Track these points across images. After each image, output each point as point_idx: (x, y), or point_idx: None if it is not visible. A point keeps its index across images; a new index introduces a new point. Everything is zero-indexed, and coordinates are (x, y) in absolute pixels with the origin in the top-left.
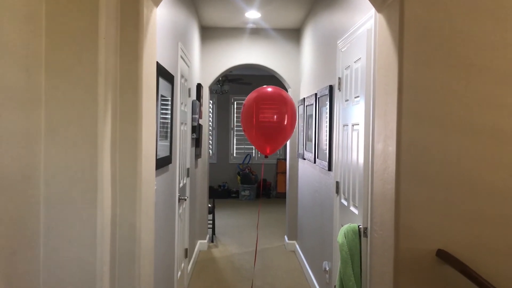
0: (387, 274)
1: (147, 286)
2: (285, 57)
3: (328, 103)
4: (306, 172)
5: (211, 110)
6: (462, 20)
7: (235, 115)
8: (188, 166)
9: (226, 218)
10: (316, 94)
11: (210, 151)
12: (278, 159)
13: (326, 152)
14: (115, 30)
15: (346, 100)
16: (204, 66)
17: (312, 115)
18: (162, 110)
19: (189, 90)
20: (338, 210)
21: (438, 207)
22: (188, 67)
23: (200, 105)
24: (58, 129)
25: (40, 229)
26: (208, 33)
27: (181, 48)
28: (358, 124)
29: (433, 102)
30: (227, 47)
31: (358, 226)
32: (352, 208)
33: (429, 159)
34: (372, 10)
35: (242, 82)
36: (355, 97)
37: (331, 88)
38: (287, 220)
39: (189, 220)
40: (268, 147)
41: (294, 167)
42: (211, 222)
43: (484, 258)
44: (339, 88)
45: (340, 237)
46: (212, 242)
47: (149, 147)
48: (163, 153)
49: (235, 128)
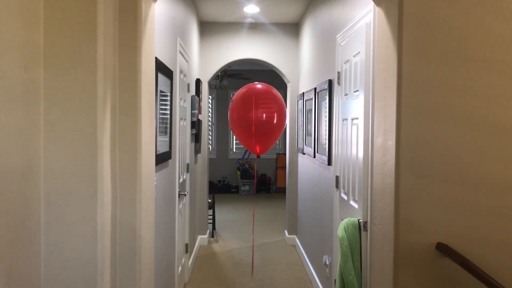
0: (387, 268)
1: (147, 281)
2: (284, 51)
3: (327, 97)
4: (306, 167)
5: (210, 105)
6: (462, 14)
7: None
8: (187, 161)
9: (226, 213)
10: (315, 89)
11: (210, 146)
12: (277, 153)
13: (326, 147)
14: (114, 25)
15: (346, 94)
16: (203, 61)
17: (311, 109)
18: (161, 105)
19: (188, 85)
20: (338, 204)
21: (437, 200)
22: (187, 62)
23: (200, 100)
24: (57, 125)
25: (40, 225)
26: (207, 28)
27: (179, 44)
28: (358, 118)
29: (432, 96)
30: (226, 42)
31: (358, 220)
32: (352, 202)
33: (428, 153)
34: (371, 4)
35: (241, 77)
36: (355, 91)
37: (330, 82)
38: (287, 215)
39: (189, 216)
40: (263, 147)
41: (294, 161)
42: (211, 217)
43: (483, 251)
44: (338, 83)
45: (340, 231)
46: (213, 237)
47: (148, 143)
48: (163, 148)
49: None
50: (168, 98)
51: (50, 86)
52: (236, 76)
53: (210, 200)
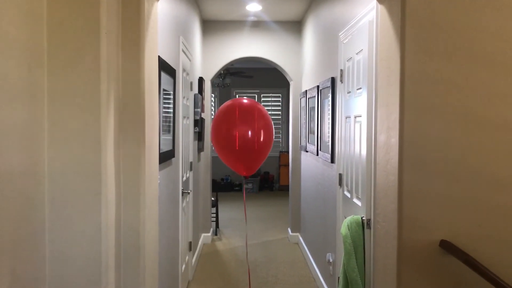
0: (390, 265)
1: (152, 279)
2: (286, 49)
3: (330, 95)
4: (309, 165)
5: (213, 103)
6: (464, 11)
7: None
8: (191, 159)
9: (229, 211)
10: (318, 86)
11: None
12: (280, 151)
13: (329, 145)
14: (117, 24)
15: (348, 92)
16: (205, 59)
17: (314, 107)
18: (164, 104)
19: (191, 83)
20: (341, 202)
21: (441, 198)
22: (190, 60)
23: (202, 98)
24: (61, 124)
25: (44, 224)
26: (209, 26)
27: (182, 42)
28: (361, 116)
29: (435, 93)
30: (228, 40)
31: (361, 218)
32: (355, 200)
33: (432, 150)
34: (374, 1)
35: (243, 75)
36: (357, 89)
37: (333, 80)
38: (290, 213)
39: (192, 214)
40: (250, 169)
41: (297, 159)
42: (214, 215)
43: (487, 248)
44: (341, 80)
45: (343, 228)
46: (216, 235)
47: (152, 141)
48: (166, 147)
49: None
50: (171, 97)
51: (54, 85)
52: (238, 75)
53: (213, 198)
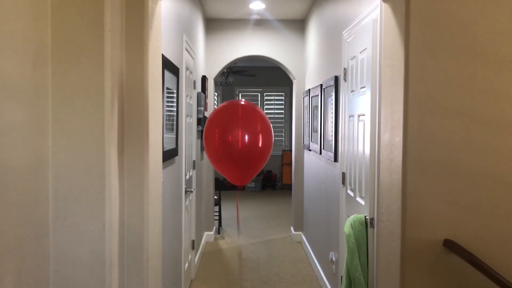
0: (394, 264)
1: (155, 277)
2: (289, 48)
3: (333, 94)
4: (312, 163)
5: (216, 102)
6: (468, 9)
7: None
8: (194, 158)
9: (232, 210)
10: (321, 85)
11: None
12: (283, 150)
13: (332, 143)
14: (121, 23)
15: (352, 90)
16: (208, 58)
17: (317, 106)
18: (167, 102)
19: (194, 82)
20: (344, 201)
21: (445, 197)
22: (193, 59)
23: (205, 97)
24: (65, 122)
25: (49, 222)
26: (213, 25)
27: (185, 41)
28: (364, 114)
29: (439, 92)
30: (231, 39)
31: (365, 217)
32: (358, 199)
33: (436, 149)
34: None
35: (246, 74)
36: (361, 87)
37: (336, 78)
38: (293, 211)
39: (195, 212)
40: (245, 178)
41: (300, 158)
42: (217, 214)
43: (491, 248)
44: (344, 79)
45: (346, 227)
46: (219, 233)
47: (155, 139)
48: (169, 145)
49: None
50: (175, 95)
51: (58, 83)
52: (241, 73)
53: (216, 197)
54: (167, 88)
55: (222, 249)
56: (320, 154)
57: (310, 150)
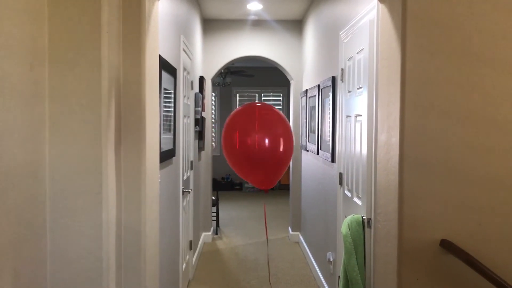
0: (391, 264)
1: (152, 278)
2: (287, 48)
3: (330, 94)
4: (309, 164)
5: (213, 102)
6: (466, 10)
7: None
8: (191, 158)
9: (230, 210)
10: (318, 86)
11: (213, 143)
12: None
13: (329, 144)
14: (118, 23)
15: (349, 91)
16: (206, 58)
17: (314, 106)
18: (165, 103)
19: (191, 83)
20: (341, 201)
21: (441, 197)
22: (191, 59)
23: (203, 97)
24: (62, 123)
25: (46, 223)
26: (210, 25)
27: (183, 41)
28: (361, 115)
29: (436, 93)
30: (229, 39)
31: (362, 217)
32: (355, 199)
33: (432, 150)
34: (374, 0)
35: (244, 74)
36: (358, 88)
37: (333, 79)
38: (291, 212)
39: (193, 213)
40: (271, 181)
41: (297, 158)
42: (215, 214)
43: (488, 248)
44: (341, 79)
45: (344, 228)
46: (216, 234)
47: (153, 140)
48: (167, 146)
49: None
50: (172, 96)
51: (55, 84)
52: (239, 74)
53: (214, 197)
54: (165, 89)
55: (219, 249)
56: (318, 154)
57: (307, 151)
